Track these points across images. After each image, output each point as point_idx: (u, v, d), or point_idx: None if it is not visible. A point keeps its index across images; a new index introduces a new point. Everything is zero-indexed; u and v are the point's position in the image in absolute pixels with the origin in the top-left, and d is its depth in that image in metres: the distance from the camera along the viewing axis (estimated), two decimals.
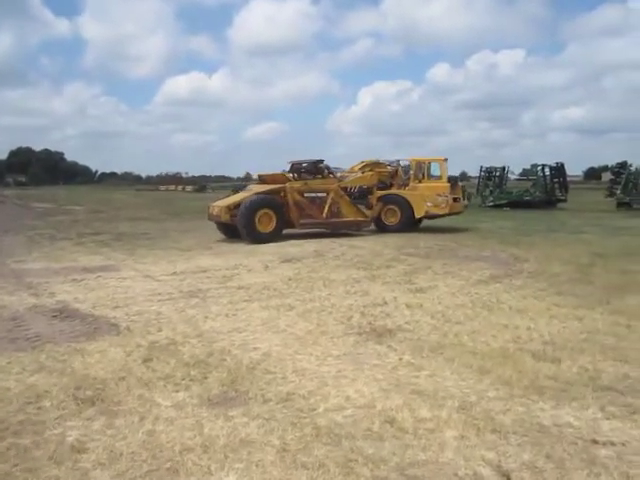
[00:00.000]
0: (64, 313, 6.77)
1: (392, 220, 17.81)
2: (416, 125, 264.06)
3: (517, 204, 30.82)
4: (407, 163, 18.64)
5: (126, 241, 14.77)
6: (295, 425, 3.67)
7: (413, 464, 3.18)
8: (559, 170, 33.70)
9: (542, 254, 11.98)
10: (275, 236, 15.18)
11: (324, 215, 16.28)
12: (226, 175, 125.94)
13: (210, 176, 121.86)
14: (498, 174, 34.35)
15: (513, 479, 3.02)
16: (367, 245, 13.82)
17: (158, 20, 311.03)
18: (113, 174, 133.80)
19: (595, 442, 3.44)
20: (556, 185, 33.39)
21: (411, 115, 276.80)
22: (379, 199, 17.69)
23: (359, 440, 3.46)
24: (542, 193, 32.02)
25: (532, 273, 9.69)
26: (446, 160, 18.57)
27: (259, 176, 17.59)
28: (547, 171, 33.25)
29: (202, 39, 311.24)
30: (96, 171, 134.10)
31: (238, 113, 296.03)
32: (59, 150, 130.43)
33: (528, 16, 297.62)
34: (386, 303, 7.29)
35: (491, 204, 31.86)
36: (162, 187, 77.19)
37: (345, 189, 16.99)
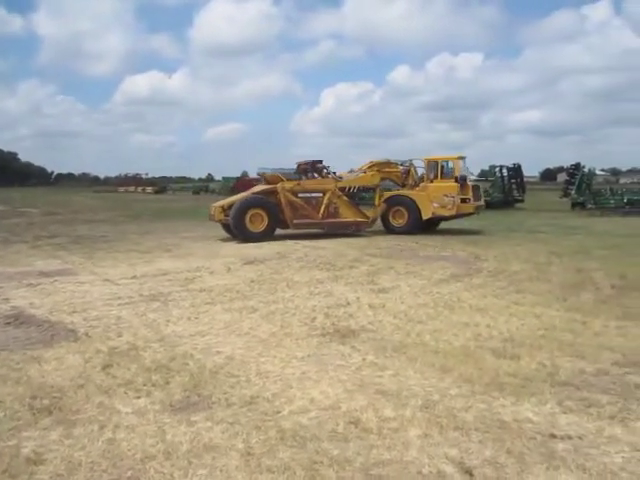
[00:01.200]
0: (19, 319, 6.54)
1: (400, 221, 17.32)
2: (377, 126, 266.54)
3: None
4: (421, 162, 18.12)
5: (84, 244, 14.39)
6: (259, 428, 3.64)
7: (378, 464, 3.20)
8: (516, 171, 34.61)
9: (501, 253, 12.26)
10: (267, 236, 15.43)
11: (320, 215, 16.27)
12: (187, 176, 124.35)
13: (171, 177, 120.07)
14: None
15: (475, 475, 3.07)
16: (330, 246, 13.86)
17: (116, 18, 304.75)
18: (70, 175, 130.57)
19: (553, 436, 3.53)
20: (514, 186, 34.29)
21: (372, 116, 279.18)
22: (387, 200, 17.36)
23: (324, 442, 3.46)
24: (500, 193, 32.81)
25: (492, 272, 9.90)
26: (461, 158, 17.83)
27: (261, 175, 17.77)
28: (505, 172, 34.15)
29: (162, 38, 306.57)
30: (52, 172, 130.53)
31: (199, 113, 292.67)
32: (12, 150, 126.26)
33: (485, 20, 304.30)
34: (349, 304, 7.32)
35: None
36: (121, 188, 75.55)
37: (344, 189, 16.80)
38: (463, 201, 17.05)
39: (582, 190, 31.24)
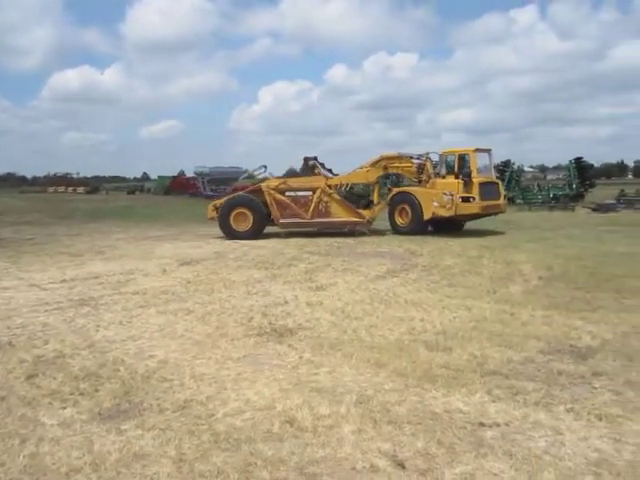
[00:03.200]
0: None
1: (404, 221, 16.02)
2: (316, 125, 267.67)
3: None
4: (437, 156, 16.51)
5: (9, 247, 13.68)
6: (193, 433, 3.56)
7: (312, 462, 3.20)
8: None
9: (435, 248, 12.59)
10: (253, 234, 15.36)
11: (309, 215, 15.81)
12: (122, 175, 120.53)
13: (104, 177, 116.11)
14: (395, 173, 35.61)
15: (407, 467, 3.13)
16: (269, 245, 13.80)
17: (44, 10, 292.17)
18: None
19: (482, 425, 3.64)
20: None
21: (311, 115, 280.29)
22: (393, 197, 16.29)
23: (259, 443, 3.42)
24: None
25: (426, 267, 10.14)
26: (481, 151, 16.13)
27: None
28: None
29: (93, 32, 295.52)
30: None
31: (134, 111, 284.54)
32: None
33: (419, 21, 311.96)
34: (287, 302, 7.30)
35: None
36: (50, 189, 72.17)
37: (336, 187, 16.12)
38: (465, 200, 15.20)
39: (512, 186, 32.55)
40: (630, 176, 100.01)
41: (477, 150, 15.95)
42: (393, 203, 16.44)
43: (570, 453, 3.25)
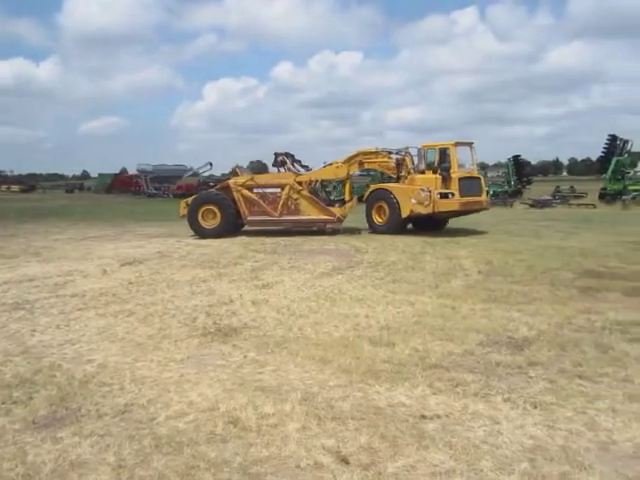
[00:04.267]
0: None
1: (382, 219, 15.33)
2: (262, 122, 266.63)
3: (360, 198, 32.50)
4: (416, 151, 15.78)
5: None
6: (133, 438, 3.47)
7: (256, 462, 3.18)
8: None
9: (380, 245, 12.76)
10: (224, 232, 15.05)
11: (277, 212, 15.37)
12: (60, 173, 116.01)
13: (41, 174, 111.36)
14: None
15: (351, 463, 3.15)
16: (214, 243, 13.61)
17: None
18: None
19: (424, 417, 3.72)
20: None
21: (257, 112, 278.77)
22: (371, 194, 15.71)
23: (201, 445, 3.37)
24: None
25: (371, 263, 10.27)
26: (459, 145, 15.44)
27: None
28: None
29: (27, 23, 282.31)
30: None
31: (72, 106, 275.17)
32: None
33: (364, 21, 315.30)
34: (232, 301, 7.23)
35: (336, 199, 33.22)
36: None
37: (308, 184, 15.52)
38: (444, 196, 14.58)
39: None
40: (565, 173, 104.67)
41: (457, 144, 15.39)
42: (370, 201, 15.80)
43: (507, 441, 3.36)
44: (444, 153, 15.02)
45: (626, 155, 29.91)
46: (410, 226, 15.89)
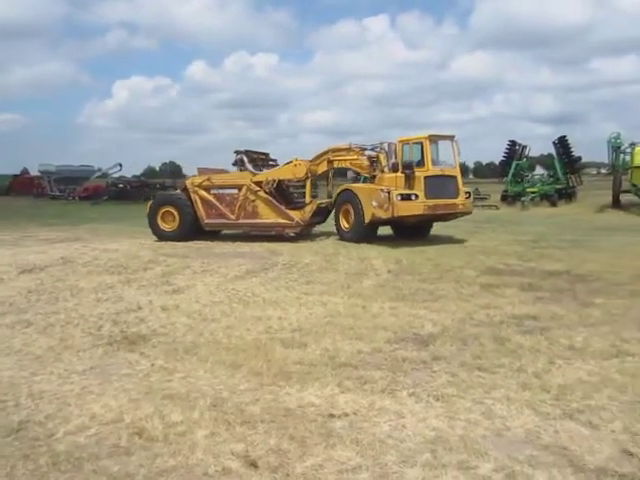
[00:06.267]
0: None
1: (348, 225, 13.75)
2: (176, 122, 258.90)
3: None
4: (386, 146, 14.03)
5: None
6: (28, 457, 3.27)
7: (162, 472, 3.09)
8: None
9: (295, 247, 12.83)
10: (181, 235, 14.37)
11: (234, 215, 14.47)
12: None
13: None
14: None
15: (260, 466, 3.15)
16: (122, 248, 13.09)
17: None
18: None
19: (332, 416, 3.78)
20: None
21: (170, 112, 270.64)
22: (338, 195, 14.26)
23: (103, 459, 3.24)
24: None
25: (286, 265, 10.30)
26: (434, 139, 13.58)
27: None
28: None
29: None
30: None
31: None
32: None
33: (279, 23, 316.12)
34: (141, 308, 6.99)
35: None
36: None
37: (267, 184, 14.31)
38: (406, 198, 12.70)
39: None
40: (471, 176, 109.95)
41: (432, 137, 13.48)
42: (338, 203, 14.21)
43: (410, 434, 3.50)
44: (418, 148, 13.50)
45: (525, 159, 32.00)
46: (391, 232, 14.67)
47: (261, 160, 15.76)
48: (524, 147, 32.06)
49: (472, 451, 3.26)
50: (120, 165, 44.21)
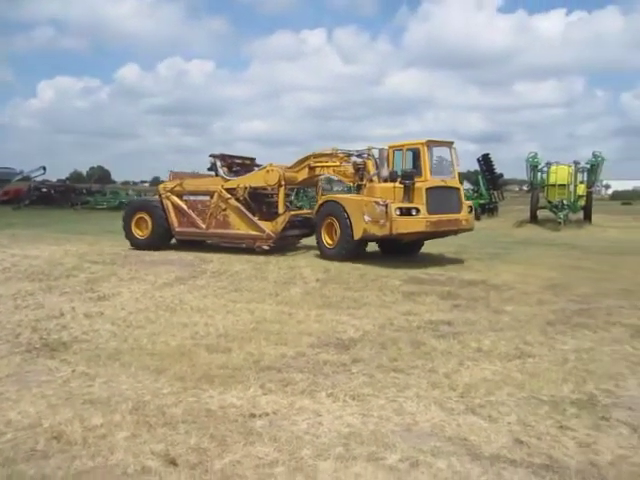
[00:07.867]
0: None
1: (332, 241, 12.34)
2: (105, 126, 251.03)
3: None
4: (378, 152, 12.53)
5: None
6: None
7: (80, 474, 3.13)
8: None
9: (225, 255, 12.84)
10: (153, 243, 13.73)
11: (205, 224, 13.60)
12: None
13: None
14: None
15: (179, 464, 3.25)
16: (44, 255, 12.63)
17: None
18: None
19: (253, 416, 3.93)
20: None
21: (100, 115, 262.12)
22: (320, 207, 12.73)
23: (19, 464, 3.22)
24: None
25: (215, 273, 10.33)
26: (432, 145, 11.95)
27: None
28: None
29: None
30: None
31: None
32: None
33: (215, 31, 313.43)
34: (63, 315, 6.85)
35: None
36: None
37: (242, 190, 13.14)
38: (406, 213, 11.14)
39: (300, 196, 34.62)
40: None
41: (430, 143, 11.88)
42: (320, 216, 12.69)
43: (326, 431, 3.70)
44: (414, 156, 12.02)
45: None
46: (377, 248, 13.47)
47: (243, 166, 14.54)
48: None
49: (382, 444, 3.50)
50: (44, 168, 42.26)
